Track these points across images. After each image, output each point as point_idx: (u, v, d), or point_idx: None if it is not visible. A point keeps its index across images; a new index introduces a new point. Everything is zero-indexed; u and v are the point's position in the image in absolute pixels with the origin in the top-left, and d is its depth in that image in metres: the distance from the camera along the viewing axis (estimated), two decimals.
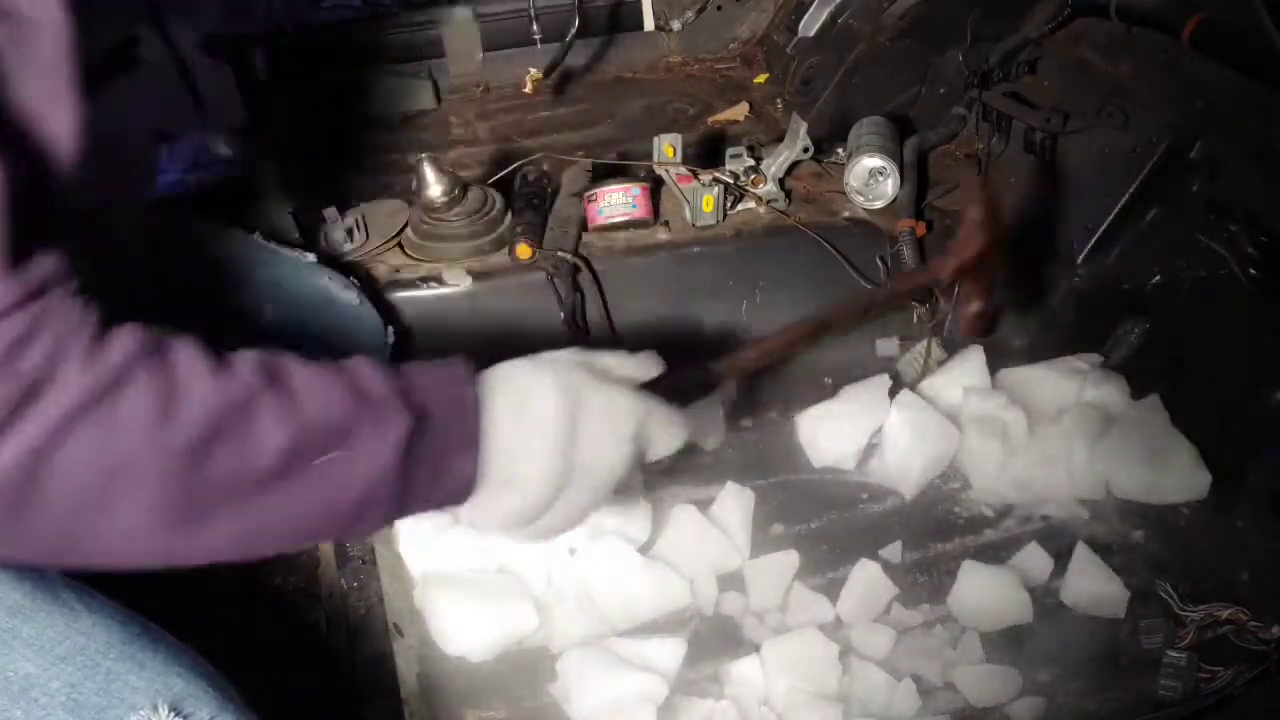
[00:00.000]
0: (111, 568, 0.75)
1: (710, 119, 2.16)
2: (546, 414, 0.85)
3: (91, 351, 0.69)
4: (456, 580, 1.33)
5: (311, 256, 1.45)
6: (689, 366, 1.01)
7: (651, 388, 0.95)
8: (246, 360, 0.76)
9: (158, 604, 0.92)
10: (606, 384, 0.90)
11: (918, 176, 1.76)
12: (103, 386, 0.68)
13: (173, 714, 0.83)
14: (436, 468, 0.82)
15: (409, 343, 1.57)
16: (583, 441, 0.87)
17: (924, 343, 1.69)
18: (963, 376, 1.60)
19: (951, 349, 1.68)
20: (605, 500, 0.92)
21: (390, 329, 1.47)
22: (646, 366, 0.97)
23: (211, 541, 0.76)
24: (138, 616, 0.90)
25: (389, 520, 0.84)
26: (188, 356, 0.73)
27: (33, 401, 0.66)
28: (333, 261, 1.54)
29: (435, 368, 0.85)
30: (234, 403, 0.73)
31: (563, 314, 1.61)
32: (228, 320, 1.30)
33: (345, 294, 1.42)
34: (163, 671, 0.86)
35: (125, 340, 0.70)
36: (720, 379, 1.03)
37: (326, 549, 1.35)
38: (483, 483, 0.84)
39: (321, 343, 1.37)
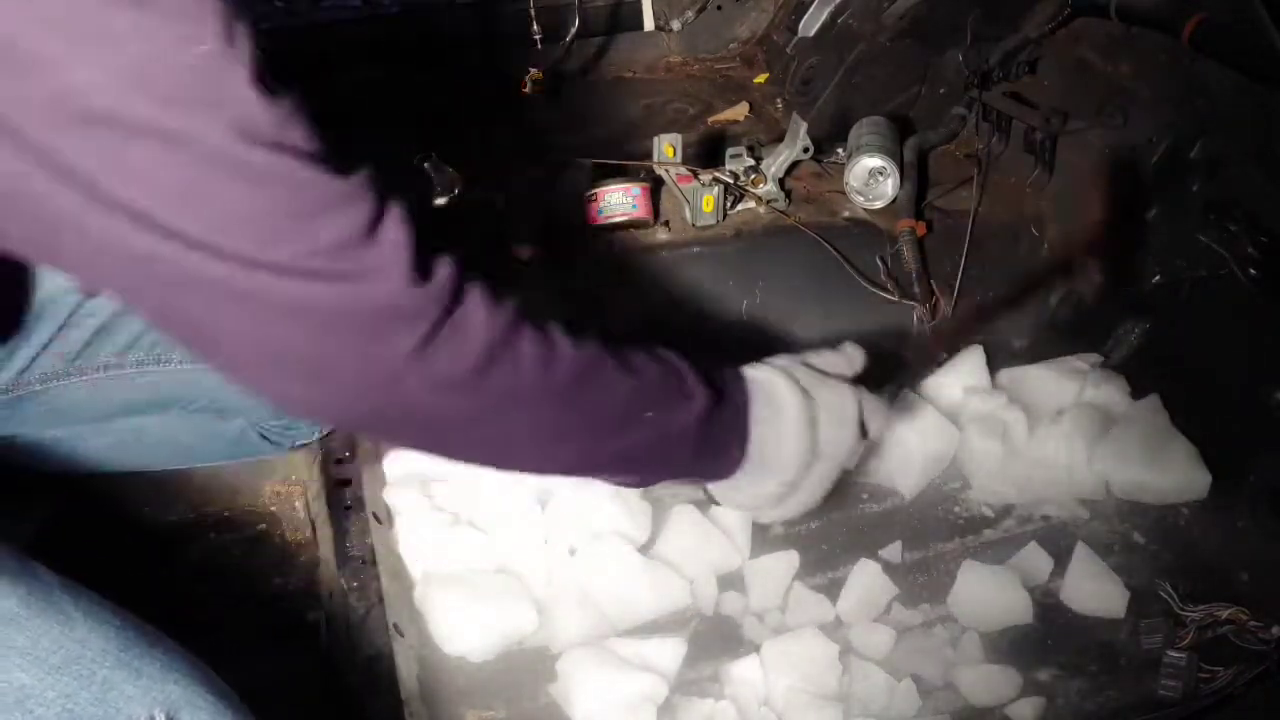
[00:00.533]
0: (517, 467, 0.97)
1: (710, 119, 2.16)
2: (791, 410, 1.02)
3: (494, 308, 0.85)
4: (456, 580, 1.32)
5: None
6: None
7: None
8: (589, 336, 0.92)
9: (157, 605, 0.92)
10: (830, 380, 1.07)
11: (918, 176, 1.76)
12: (512, 316, 0.86)
13: None
14: (717, 445, 1.00)
15: None
16: (821, 429, 1.04)
17: None
18: (963, 376, 1.60)
19: (952, 350, 1.68)
20: (838, 477, 1.09)
21: None
22: (854, 361, 1.13)
23: (567, 456, 0.96)
24: (135, 620, 0.89)
25: (673, 475, 1.07)
26: (553, 327, 0.89)
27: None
28: None
29: (709, 366, 1.01)
30: (593, 361, 0.91)
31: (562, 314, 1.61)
32: None
33: None
34: (159, 678, 0.86)
35: (512, 306, 0.87)
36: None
37: (326, 550, 1.35)
38: (744, 466, 1.02)
39: None
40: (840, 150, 1.80)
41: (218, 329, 0.77)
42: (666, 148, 1.65)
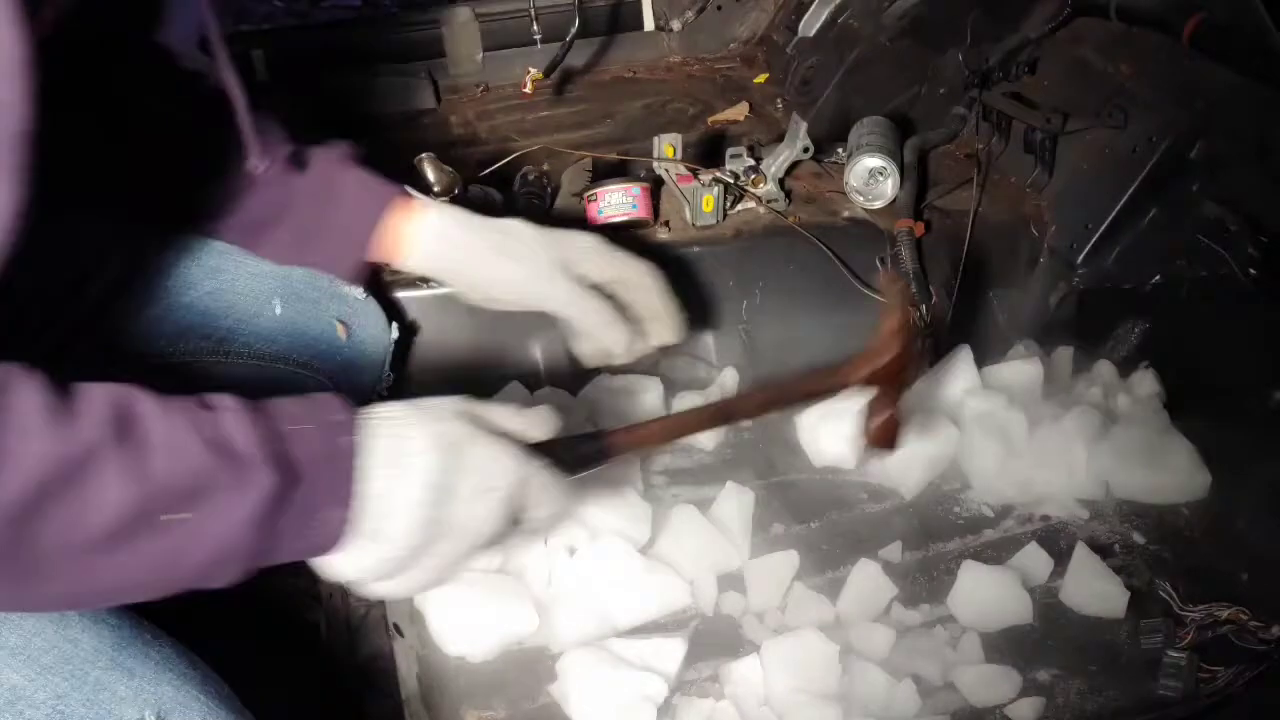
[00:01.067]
0: None
1: (710, 119, 2.16)
2: (420, 468, 0.82)
3: None
4: (456, 580, 1.32)
5: None
6: (583, 435, 1.00)
7: (542, 450, 0.91)
8: (96, 406, 0.70)
9: (156, 605, 0.92)
10: (488, 440, 0.87)
11: (918, 176, 1.76)
12: None
13: None
14: (304, 524, 0.79)
15: (412, 338, 1.57)
16: (455, 499, 0.84)
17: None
18: (952, 377, 1.60)
19: (942, 352, 1.68)
20: (474, 557, 0.90)
21: (394, 325, 1.48)
22: (539, 424, 0.93)
23: (51, 596, 0.74)
24: (132, 618, 0.88)
25: (248, 573, 0.80)
26: (26, 402, 0.67)
27: None
28: None
29: (313, 411, 0.81)
30: (71, 460, 0.68)
31: None
32: (236, 314, 1.31)
33: (351, 288, 1.42)
34: (153, 679, 0.85)
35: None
36: (612, 452, 0.99)
37: None
38: (351, 534, 0.82)
39: (332, 339, 1.37)
40: (840, 150, 1.80)
41: None
42: (666, 148, 1.65)
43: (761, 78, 2.31)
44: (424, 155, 1.59)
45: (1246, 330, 1.48)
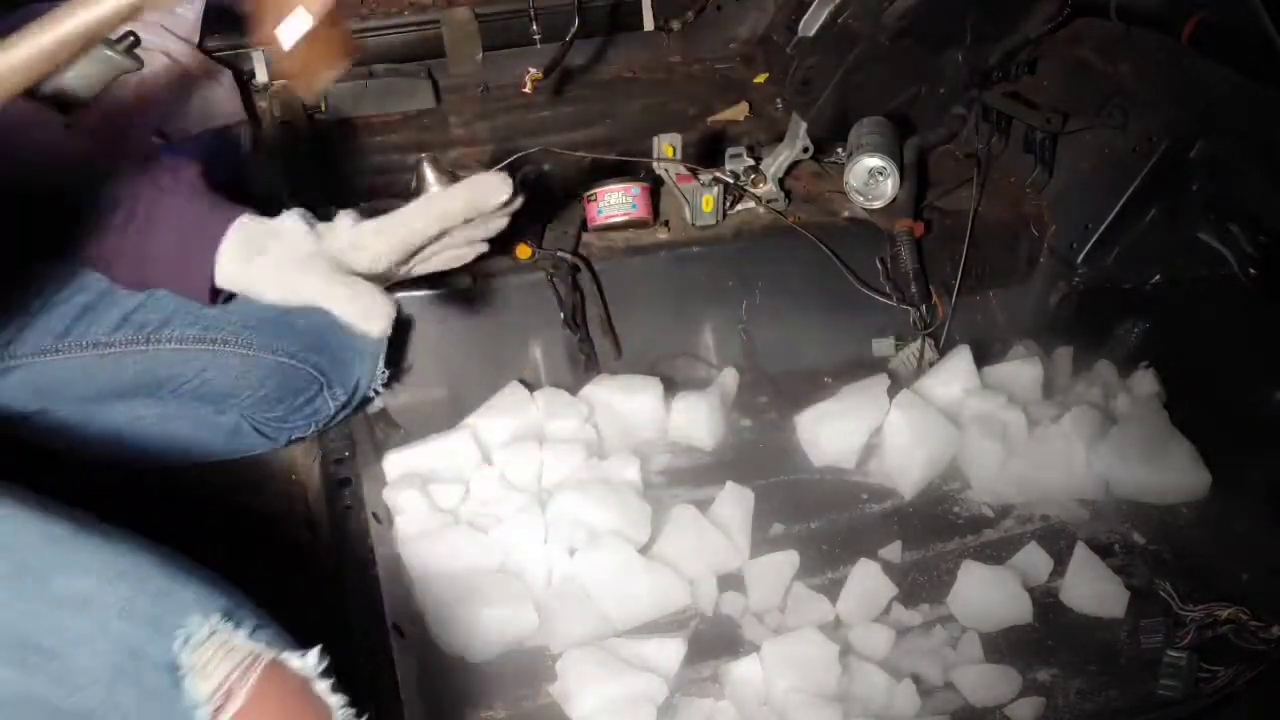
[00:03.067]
0: None
1: (710, 119, 2.15)
2: None
3: None
4: (456, 580, 1.32)
5: None
6: None
7: None
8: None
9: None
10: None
11: (918, 176, 1.76)
12: None
13: (224, 620, 0.86)
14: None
15: (408, 335, 1.56)
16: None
17: (918, 342, 1.69)
18: (952, 376, 1.60)
19: (944, 350, 1.69)
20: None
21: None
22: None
23: None
24: (175, 551, 0.93)
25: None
26: None
27: None
28: None
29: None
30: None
31: (562, 314, 1.60)
32: (230, 308, 1.31)
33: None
34: (208, 589, 0.89)
35: None
36: None
37: (326, 550, 1.34)
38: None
39: (322, 332, 1.37)
40: (840, 150, 1.80)
41: None
42: (666, 148, 1.65)
43: (761, 78, 2.31)
44: (424, 155, 1.59)
45: (1246, 330, 1.48)
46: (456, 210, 1.22)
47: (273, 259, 1.18)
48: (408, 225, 1.20)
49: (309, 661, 0.88)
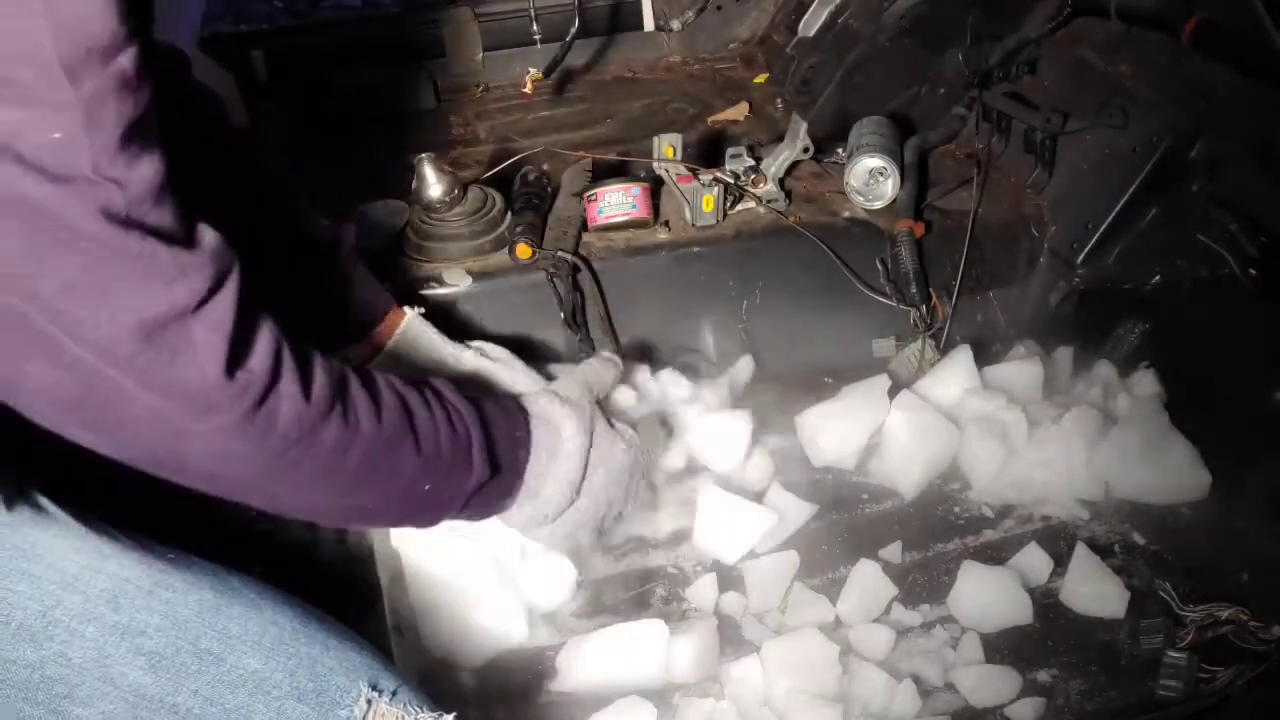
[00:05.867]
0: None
1: (710, 119, 2.15)
2: (570, 452, 1.11)
3: (304, 401, 0.84)
4: (455, 581, 1.32)
5: None
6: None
7: None
8: (391, 395, 0.93)
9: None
10: (615, 433, 1.17)
11: (918, 176, 1.76)
12: (322, 407, 0.85)
13: (374, 691, 0.88)
14: (489, 502, 1.07)
15: None
16: (591, 476, 1.14)
17: (918, 343, 1.69)
18: (952, 376, 1.60)
19: (944, 350, 1.68)
20: (602, 520, 1.18)
21: None
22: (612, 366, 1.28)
23: (341, 518, 1.05)
24: (283, 592, 0.95)
25: (436, 523, 1.05)
26: (360, 399, 0.89)
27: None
28: None
29: (507, 419, 1.07)
30: (388, 442, 0.92)
31: (562, 314, 1.60)
32: None
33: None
34: (340, 649, 0.90)
35: (331, 372, 0.87)
36: None
37: (326, 550, 1.34)
38: (517, 500, 1.09)
39: None
40: (840, 150, 1.80)
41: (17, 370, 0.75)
42: (666, 148, 1.65)
43: (761, 78, 2.31)
44: (424, 155, 1.59)
45: (1246, 330, 1.48)
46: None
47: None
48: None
49: None
